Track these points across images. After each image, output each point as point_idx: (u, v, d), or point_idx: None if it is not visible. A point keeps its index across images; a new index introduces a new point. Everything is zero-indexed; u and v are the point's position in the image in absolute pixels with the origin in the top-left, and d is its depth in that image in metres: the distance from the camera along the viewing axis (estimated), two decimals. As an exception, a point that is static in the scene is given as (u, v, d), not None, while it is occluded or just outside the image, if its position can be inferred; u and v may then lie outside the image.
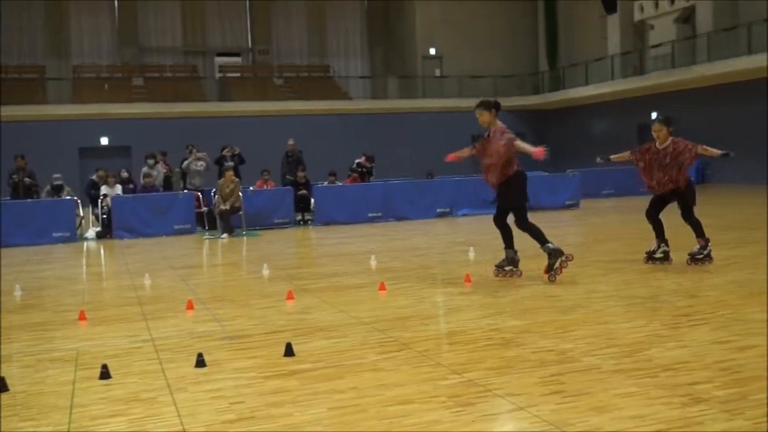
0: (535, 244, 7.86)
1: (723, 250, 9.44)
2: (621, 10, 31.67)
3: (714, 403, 3.80)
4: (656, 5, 29.98)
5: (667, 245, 8.68)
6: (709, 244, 8.54)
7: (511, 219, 7.99)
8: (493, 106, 7.84)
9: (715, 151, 8.58)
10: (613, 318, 5.86)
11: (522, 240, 8.10)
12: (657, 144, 8.62)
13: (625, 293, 6.92)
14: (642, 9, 30.77)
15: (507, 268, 8.09)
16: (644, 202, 9.09)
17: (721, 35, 26.11)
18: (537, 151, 7.55)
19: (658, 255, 8.67)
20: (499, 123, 7.86)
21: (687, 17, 29.10)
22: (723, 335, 5.16)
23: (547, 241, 7.74)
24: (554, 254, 7.67)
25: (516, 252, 8.13)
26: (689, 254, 8.56)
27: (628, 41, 31.64)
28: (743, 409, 3.69)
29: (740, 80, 25.67)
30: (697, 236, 8.56)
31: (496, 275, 8.10)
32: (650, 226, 8.80)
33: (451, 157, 8.19)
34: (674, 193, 8.60)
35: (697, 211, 8.71)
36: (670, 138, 8.58)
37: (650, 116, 30.34)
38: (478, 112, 7.88)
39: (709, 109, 27.48)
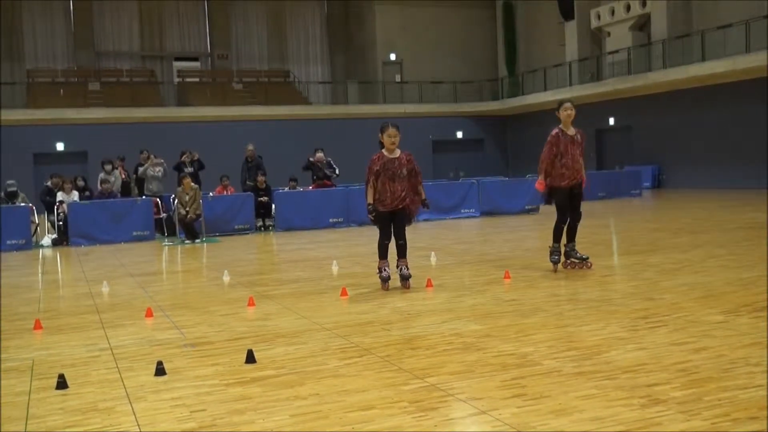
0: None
1: (675, 253, 9.67)
2: (578, 17, 32.14)
3: (672, 404, 3.86)
4: (612, 13, 30.47)
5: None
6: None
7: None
8: None
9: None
10: (573, 321, 5.93)
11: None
12: (565, 129, 8.39)
13: (583, 297, 7.00)
14: (599, 16, 31.25)
15: None
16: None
17: (676, 42, 26.63)
18: None
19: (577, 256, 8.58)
20: None
21: (642, 25, 29.64)
22: (680, 337, 5.25)
23: None
24: None
25: None
26: (579, 258, 8.52)
27: (585, 48, 32.11)
28: (700, 409, 3.76)
29: (694, 87, 26.21)
30: (573, 240, 8.55)
31: None
32: (561, 229, 8.57)
33: None
34: (579, 186, 8.44)
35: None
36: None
37: (607, 122, 30.85)
38: None
39: (664, 115, 28.01)
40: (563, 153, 8.31)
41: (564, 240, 8.63)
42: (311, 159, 17.81)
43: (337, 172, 17.91)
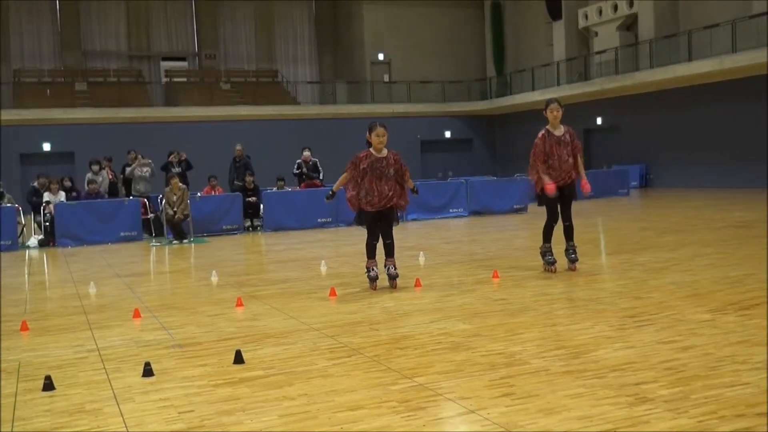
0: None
1: (662, 252, 9.70)
2: (566, 17, 32.24)
3: (659, 402, 3.87)
4: (600, 13, 30.57)
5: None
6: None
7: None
8: None
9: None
10: (561, 320, 5.95)
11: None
12: (552, 129, 8.31)
13: (572, 296, 7.03)
14: (586, 16, 31.36)
15: None
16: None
17: (663, 42, 26.76)
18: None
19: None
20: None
21: (629, 25, 29.77)
22: (667, 336, 5.27)
23: None
24: None
25: None
26: (571, 259, 8.46)
27: (573, 48, 32.21)
28: (687, 407, 3.78)
29: (681, 86, 26.34)
30: (571, 239, 8.51)
31: None
32: (551, 228, 8.51)
33: None
34: (569, 186, 8.36)
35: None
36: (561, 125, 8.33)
37: (595, 121, 30.96)
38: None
39: (651, 114, 28.13)
40: (549, 154, 8.29)
41: (561, 240, 8.61)
42: (299, 162, 17.84)
43: (321, 176, 17.92)
